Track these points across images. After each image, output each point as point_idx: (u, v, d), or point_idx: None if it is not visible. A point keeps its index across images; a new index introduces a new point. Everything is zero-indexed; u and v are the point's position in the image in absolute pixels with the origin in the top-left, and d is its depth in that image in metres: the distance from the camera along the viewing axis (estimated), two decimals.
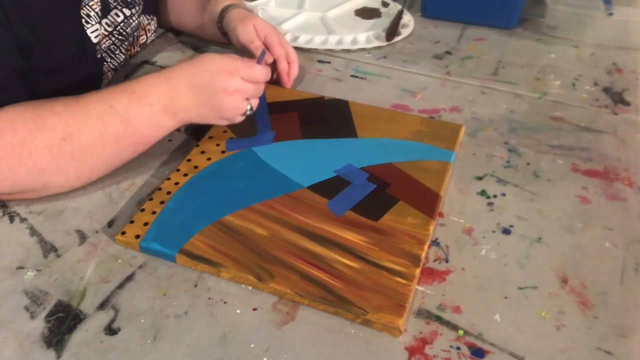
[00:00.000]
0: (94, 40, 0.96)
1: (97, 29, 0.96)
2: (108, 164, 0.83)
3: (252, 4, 1.37)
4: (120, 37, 1.05)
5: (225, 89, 0.85)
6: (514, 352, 0.65)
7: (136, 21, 1.10)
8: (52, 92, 0.82)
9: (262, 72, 0.89)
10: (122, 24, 1.05)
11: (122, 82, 0.83)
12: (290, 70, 1.07)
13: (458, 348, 0.66)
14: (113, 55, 1.04)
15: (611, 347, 0.66)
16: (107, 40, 1.01)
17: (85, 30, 0.94)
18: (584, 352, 0.65)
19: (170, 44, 1.24)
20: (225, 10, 1.10)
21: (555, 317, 0.69)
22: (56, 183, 0.81)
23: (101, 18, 0.99)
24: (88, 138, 0.79)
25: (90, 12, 0.95)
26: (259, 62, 0.91)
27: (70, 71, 0.92)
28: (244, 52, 1.06)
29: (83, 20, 0.94)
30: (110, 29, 1.01)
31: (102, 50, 1.00)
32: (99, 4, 0.97)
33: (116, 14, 1.04)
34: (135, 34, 1.12)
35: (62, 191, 0.83)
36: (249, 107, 0.88)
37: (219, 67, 0.85)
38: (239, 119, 0.89)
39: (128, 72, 1.13)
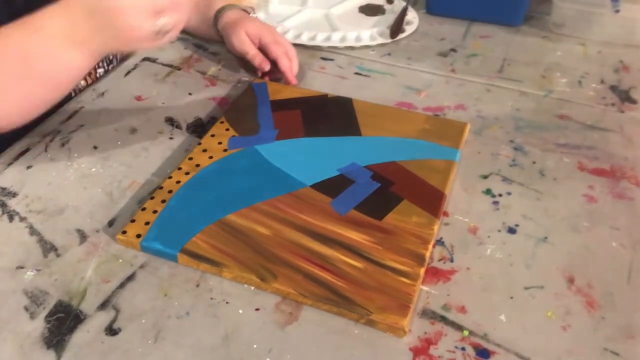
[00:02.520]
0: None
1: None
2: (23, 105, 0.79)
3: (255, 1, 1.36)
4: None
5: (119, 5, 0.72)
6: (519, 353, 0.65)
7: None
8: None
9: None
10: None
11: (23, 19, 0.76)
12: (290, 67, 1.07)
13: (463, 349, 0.65)
14: None
15: (618, 348, 0.65)
16: None
17: None
18: (590, 352, 0.65)
19: (171, 41, 1.23)
20: (219, 12, 1.10)
21: (562, 318, 0.68)
22: None
23: None
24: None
25: None
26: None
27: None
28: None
29: None
30: None
31: None
32: None
33: None
34: None
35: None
36: (161, 23, 0.73)
37: None
38: (154, 41, 0.75)
39: (130, 69, 1.12)
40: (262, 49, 1.07)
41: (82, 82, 1.06)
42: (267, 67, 1.06)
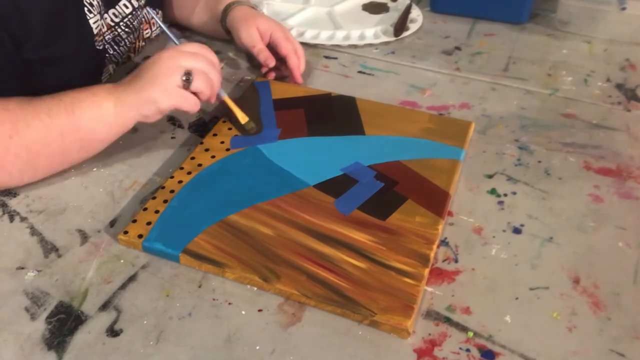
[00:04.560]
0: (95, 30, 0.96)
1: (97, 20, 0.96)
2: (52, 162, 0.83)
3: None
4: (127, 29, 1.05)
5: (161, 57, 0.84)
6: (525, 354, 0.64)
7: (142, 14, 1.09)
8: (51, 83, 0.83)
9: (207, 51, 0.89)
10: (130, 16, 1.05)
11: None
12: (299, 65, 1.07)
13: (468, 350, 0.65)
14: (116, 47, 1.04)
15: (624, 349, 0.65)
16: (112, 32, 1.01)
17: (87, 20, 0.94)
18: (596, 354, 0.64)
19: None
20: (228, 8, 1.10)
21: (567, 319, 0.68)
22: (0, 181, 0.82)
23: (107, 8, 1.00)
24: (34, 133, 0.79)
25: (93, 1, 0.94)
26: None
27: (69, 61, 0.91)
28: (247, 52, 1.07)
29: (86, 9, 0.93)
30: (117, 20, 1.01)
31: (105, 41, 1.00)
32: None
33: (125, 5, 1.04)
34: (140, 27, 1.11)
35: (4, 188, 0.84)
36: (184, 76, 0.83)
37: (166, 50, 0.86)
38: (177, 94, 0.83)
39: (132, 68, 1.12)
40: (272, 45, 1.07)
41: None
42: (272, 63, 1.05)
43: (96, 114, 0.82)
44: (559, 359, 0.64)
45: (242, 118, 0.94)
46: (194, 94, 0.85)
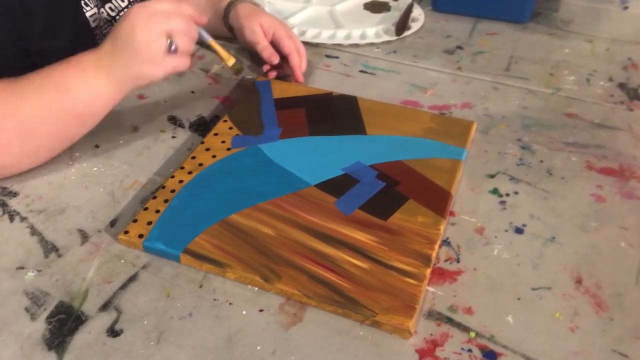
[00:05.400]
0: (92, 24, 0.96)
1: (95, 13, 0.96)
2: (53, 140, 0.84)
3: None
4: None
5: (136, 24, 0.82)
6: (527, 355, 0.64)
7: None
8: None
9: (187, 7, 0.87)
10: (125, 9, 1.05)
11: None
12: (300, 64, 1.06)
13: (469, 350, 0.65)
14: None
15: (627, 350, 0.65)
16: (109, 25, 1.01)
17: (84, 13, 0.94)
18: (598, 354, 0.64)
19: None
20: (231, 5, 1.10)
21: (570, 319, 0.68)
22: (3, 164, 0.82)
23: (104, 2, 1.00)
24: (28, 113, 0.79)
25: None
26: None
27: (67, 54, 0.92)
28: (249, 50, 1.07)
29: (82, 2, 0.94)
30: (113, 14, 1.01)
31: (103, 35, 1.00)
32: None
33: None
34: None
35: (11, 173, 0.85)
36: (169, 42, 0.83)
37: (137, 12, 0.83)
38: (166, 63, 0.84)
39: None
40: (275, 43, 1.07)
41: None
42: (275, 60, 1.05)
43: (90, 91, 0.83)
44: (561, 359, 0.64)
45: (228, 59, 0.95)
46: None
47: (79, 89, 0.82)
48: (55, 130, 0.83)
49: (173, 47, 0.83)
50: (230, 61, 0.95)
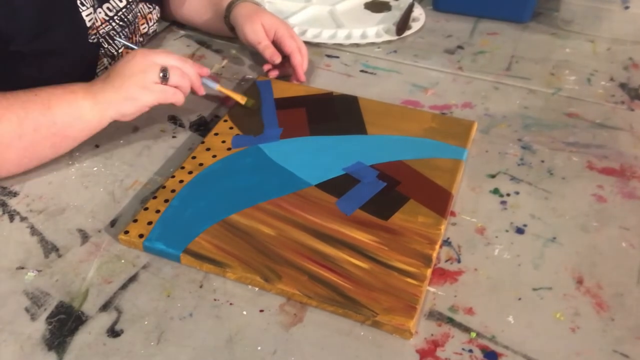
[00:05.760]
0: (88, 24, 0.96)
1: (90, 13, 0.96)
2: (22, 157, 0.83)
3: None
4: (121, 23, 1.04)
5: (134, 56, 0.87)
6: (528, 355, 0.64)
7: (137, 8, 1.09)
8: (45, 76, 0.84)
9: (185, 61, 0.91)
10: (124, 10, 1.05)
11: None
12: (302, 64, 1.06)
13: (470, 351, 0.65)
14: (111, 41, 1.04)
15: (628, 350, 0.65)
16: (106, 26, 1.01)
17: (79, 13, 0.94)
18: (599, 354, 0.64)
19: (175, 38, 1.23)
20: (232, 4, 1.10)
21: (571, 319, 0.68)
22: None
23: (102, 3, 1.00)
24: (6, 126, 0.79)
25: None
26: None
27: (62, 54, 0.92)
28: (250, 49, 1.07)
29: (79, 2, 0.94)
30: (111, 14, 1.01)
31: (100, 35, 1.00)
32: None
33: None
34: (136, 21, 1.11)
35: None
36: (162, 72, 0.86)
37: (138, 50, 0.88)
38: (156, 89, 0.87)
39: None
40: (276, 43, 1.07)
41: None
42: (277, 59, 1.05)
43: (73, 112, 0.83)
44: (562, 359, 0.63)
45: (241, 99, 0.97)
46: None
47: (61, 109, 0.82)
48: (29, 147, 0.82)
49: (166, 76, 0.87)
50: (243, 100, 0.97)
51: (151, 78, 0.86)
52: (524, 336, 0.66)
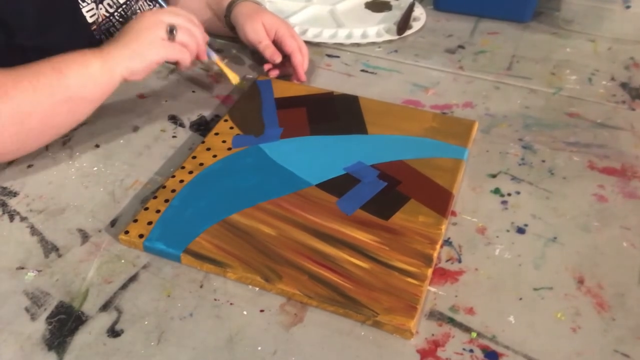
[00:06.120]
0: (89, 20, 0.96)
1: (92, 8, 0.96)
2: (43, 126, 0.83)
3: None
4: (121, 19, 1.05)
5: (143, 16, 0.89)
6: (528, 355, 0.64)
7: (136, 5, 1.10)
8: None
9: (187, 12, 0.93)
10: (124, 6, 1.05)
11: None
12: (303, 63, 1.06)
13: (471, 351, 0.64)
14: (111, 37, 1.04)
15: (629, 350, 0.64)
16: (107, 22, 1.01)
17: (80, 9, 0.94)
18: (600, 354, 0.64)
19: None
20: (233, 3, 1.10)
21: (571, 319, 0.67)
22: None
23: None
24: (22, 94, 0.79)
25: None
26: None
27: (63, 49, 0.92)
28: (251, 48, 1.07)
29: None
30: (111, 10, 1.02)
31: (101, 31, 1.00)
32: None
33: None
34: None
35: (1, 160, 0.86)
36: (169, 29, 0.88)
37: (147, 11, 0.92)
38: (164, 46, 0.88)
39: None
40: (277, 42, 1.07)
41: None
42: (278, 59, 1.05)
43: (84, 72, 0.83)
44: (563, 359, 0.63)
45: (234, 78, 0.98)
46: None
47: (72, 72, 0.82)
48: (48, 114, 0.82)
49: (173, 33, 0.88)
50: (236, 80, 0.98)
51: (158, 34, 0.87)
52: (524, 336, 0.66)
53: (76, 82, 0.82)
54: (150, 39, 0.86)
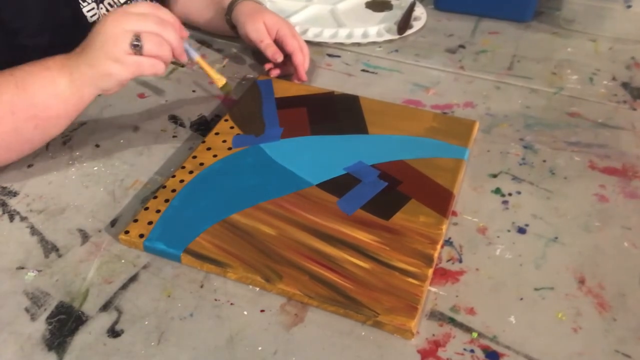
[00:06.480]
0: (90, 20, 0.96)
1: (93, 8, 0.96)
2: (9, 141, 0.81)
3: None
4: None
5: (107, 22, 0.80)
6: (529, 355, 0.64)
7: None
8: None
9: (158, 9, 0.84)
10: (125, 5, 1.04)
11: None
12: (304, 63, 1.06)
13: (472, 351, 0.64)
14: None
15: (630, 350, 0.64)
16: None
17: (80, 9, 0.94)
18: (601, 355, 0.64)
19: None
20: (234, 3, 1.09)
21: (572, 319, 0.67)
22: None
23: None
24: None
25: None
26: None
27: (66, 49, 0.92)
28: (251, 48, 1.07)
29: None
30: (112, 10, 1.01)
31: None
32: None
33: None
34: None
35: None
36: (134, 41, 0.78)
37: (112, 13, 0.81)
38: (130, 62, 0.80)
39: None
40: (278, 42, 1.06)
41: None
42: (280, 58, 1.05)
43: (50, 91, 0.80)
44: (564, 359, 0.64)
45: (219, 80, 0.95)
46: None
47: (37, 89, 0.79)
48: (10, 131, 0.80)
49: (138, 45, 0.79)
50: (221, 82, 0.95)
51: (122, 48, 0.79)
52: (525, 336, 0.65)
53: (42, 101, 0.80)
54: (115, 55, 0.79)
